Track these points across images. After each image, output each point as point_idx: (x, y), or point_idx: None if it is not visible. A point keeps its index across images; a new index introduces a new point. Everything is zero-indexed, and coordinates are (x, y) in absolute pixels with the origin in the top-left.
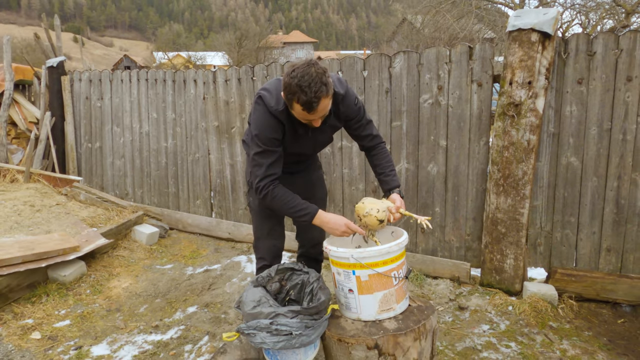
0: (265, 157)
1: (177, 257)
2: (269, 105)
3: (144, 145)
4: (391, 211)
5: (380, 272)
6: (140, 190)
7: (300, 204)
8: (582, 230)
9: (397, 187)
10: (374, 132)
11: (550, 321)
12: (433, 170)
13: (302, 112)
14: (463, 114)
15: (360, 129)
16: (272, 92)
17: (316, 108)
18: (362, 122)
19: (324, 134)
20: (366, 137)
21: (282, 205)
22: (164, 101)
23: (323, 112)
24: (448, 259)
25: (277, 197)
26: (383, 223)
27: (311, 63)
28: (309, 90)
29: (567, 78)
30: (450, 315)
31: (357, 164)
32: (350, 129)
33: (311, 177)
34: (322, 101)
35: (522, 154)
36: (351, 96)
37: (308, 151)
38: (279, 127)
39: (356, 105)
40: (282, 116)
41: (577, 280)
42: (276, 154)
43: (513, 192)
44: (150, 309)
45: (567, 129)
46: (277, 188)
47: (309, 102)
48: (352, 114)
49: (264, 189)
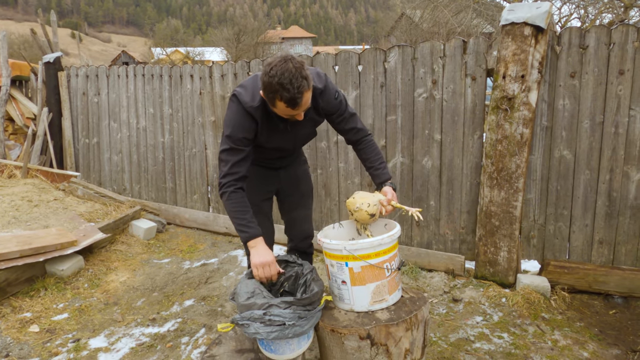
0: (231, 155)
1: (175, 251)
2: (244, 101)
3: (141, 140)
4: (382, 204)
5: (372, 264)
6: (138, 186)
7: (247, 220)
8: (575, 223)
9: (389, 179)
10: (358, 125)
11: (543, 312)
12: (428, 164)
13: (286, 109)
14: (457, 107)
15: (344, 123)
16: (247, 88)
17: (300, 103)
18: (344, 116)
19: (305, 129)
20: (350, 130)
21: (232, 211)
22: (161, 96)
23: (306, 105)
24: (443, 252)
25: (231, 201)
26: (374, 217)
27: (287, 58)
28: (291, 86)
29: (560, 72)
30: (444, 307)
31: (352, 158)
32: (334, 123)
33: (296, 172)
34: (304, 95)
35: (515, 148)
36: (330, 90)
37: (289, 146)
38: (251, 126)
39: (336, 99)
40: (257, 113)
41: (569, 272)
42: (243, 153)
43: (506, 185)
44: (147, 302)
45: (560, 123)
46: (236, 193)
47: (292, 98)
48: (332, 109)
49: (224, 187)
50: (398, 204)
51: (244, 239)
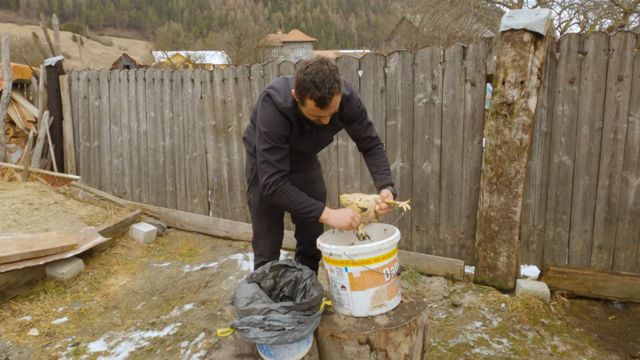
0: (273, 154)
1: (175, 255)
2: (277, 102)
3: (142, 144)
4: (377, 202)
5: (372, 269)
6: (138, 189)
7: (307, 201)
8: (574, 228)
9: (390, 184)
10: (373, 134)
11: (542, 318)
12: (427, 168)
13: (314, 108)
14: (457, 113)
15: (361, 131)
16: (279, 90)
17: (329, 104)
18: (363, 124)
19: (327, 133)
20: (366, 139)
21: (290, 202)
22: (162, 100)
23: (334, 108)
24: (442, 257)
25: (285, 194)
26: (366, 212)
27: (324, 61)
28: (323, 86)
29: (559, 78)
30: (443, 312)
31: (352, 163)
32: (352, 130)
33: (311, 175)
34: (334, 97)
35: (514, 153)
36: (355, 98)
37: (311, 149)
38: (287, 125)
39: (359, 107)
40: (290, 113)
41: (569, 278)
42: (284, 150)
43: (506, 190)
44: (147, 306)
45: (559, 128)
46: (286, 185)
47: (322, 98)
48: (354, 116)
49: (274, 185)
50: (391, 200)
51: (316, 217)
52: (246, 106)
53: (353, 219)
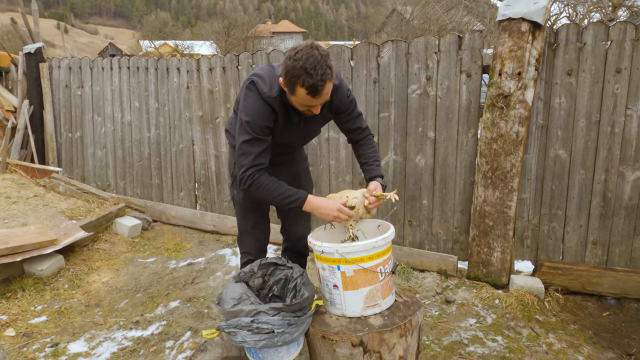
0: (253, 146)
1: (160, 250)
2: (262, 91)
3: (126, 135)
4: (365, 196)
5: (365, 268)
6: (123, 182)
7: (288, 190)
8: (569, 223)
9: (379, 176)
10: (363, 125)
11: (537, 314)
12: (421, 162)
13: (305, 96)
14: (452, 105)
15: (351, 122)
16: (264, 78)
17: (321, 92)
18: (352, 115)
19: (315, 125)
20: (355, 130)
21: (270, 193)
22: (147, 90)
23: (326, 97)
24: (435, 252)
25: (262, 185)
26: (355, 209)
27: (314, 46)
28: (315, 73)
29: (557, 69)
30: (437, 308)
31: (344, 156)
32: (341, 122)
33: (297, 169)
34: (326, 85)
35: (510, 147)
36: (344, 88)
37: (297, 142)
38: (271, 115)
39: (348, 97)
40: (275, 103)
41: (563, 274)
42: (265, 143)
43: (501, 184)
44: (130, 303)
45: (556, 121)
46: (262, 176)
47: (314, 85)
48: (343, 107)
49: (249, 178)
50: (380, 193)
51: (298, 206)
52: (234, 96)
53: (340, 211)
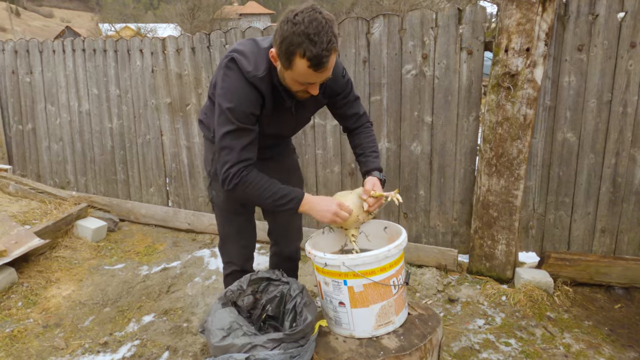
0: (238, 138)
1: (130, 254)
2: (245, 70)
3: (85, 126)
4: (362, 198)
5: (377, 281)
6: (84, 178)
7: (281, 189)
8: (577, 211)
9: (377, 169)
10: (361, 110)
11: (548, 311)
12: (417, 149)
13: (306, 70)
14: (451, 86)
15: (346, 107)
16: (247, 54)
17: (326, 65)
18: (349, 99)
19: (308, 111)
20: (352, 116)
21: (260, 194)
22: (106, 75)
23: (329, 72)
24: (434, 246)
25: (251, 185)
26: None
27: (316, 8)
28: (319, 40)
29: (567, 44)
30: (440, 308)
31: (331, 144)
32: (335, 107)
33: (285, 163)
34: (332, 57)
35: (517, 131)
36: (339, 66)
37: (288, 132)
38: (257, 99)
39: (344, 77)
40: (262, 85)
41: (571, 265)
42: (252, 134)
43: (507, 172)
44: (97, 321)
45: (565, 102)
46: (251, 174)
47: (318, 56)
48: (338, 88)
49: (235, 176)
50: (378, 193)
51: (294, 209)
52: (206, 80)
53: (337, 214)
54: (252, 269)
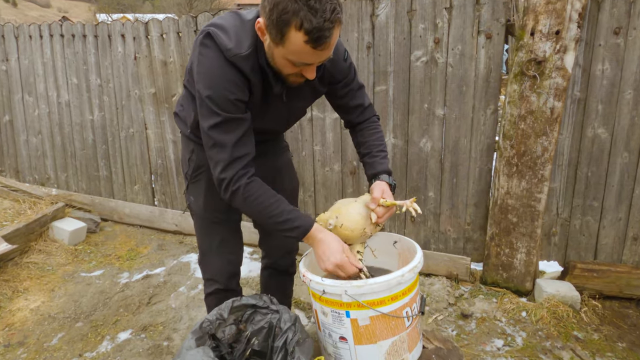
0: (228, 131)
1: (110, 258)
2: (225, 47)
3: (65, 118)
4: (370, 208)
5: (386, 313)
6: (65, 174)
7: (288, 213)
8: (606, 217)
9: (386, 172)
10: (366, 101)
11: (574, 330)
12: (426, 146)
13: (302, 47)
14: (466, 75)
15: (349, 97)
16: (227, 29)
17: (327, 41)
18: (352, 87)
19: (302, 101)
20: (356, 108)
21: (261, 210)
22: (85, 63)
23: (330, 51)
24: (444, 253)
25: (252, 197)
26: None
27: None
28: (321, 8)
29: (601, 27)
30: (452, 325)
31: (331, 140)
32: (335, 97)
33: (276, 164)
34: (335, 31)
35: (543, 126)
36: (340, 48)
37: (279, 125)
38: (242, 82)
39: (346, 61)
40: (246, 65)
41: (599, 276)
42: (244, 124)
43: (529, 173)
44: (66, 338)
45: (597, 93)
46: (253, 183)
47: (319, 28)
48: (339, 74)
49: (234, 182)
50: (390, 201)
51: (297, 237)
52: None
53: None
54: (237, 286)
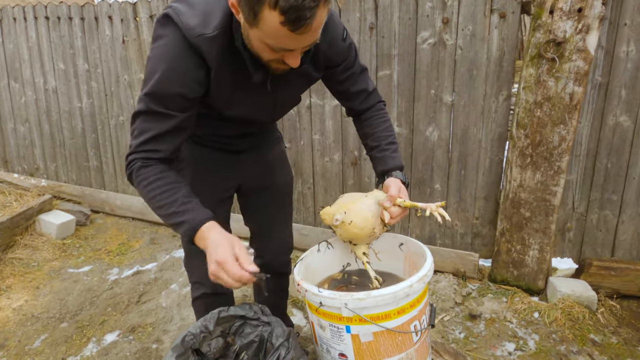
0: (150, 122)
1: (100, 253)
2: (187, 27)
3: (52, 105)
4: (384, 206)
5: (392, 328)
6: (54, 164)
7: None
8: (625, 211)
9: (398, 168)
10: (370, 86)
11: (591, 333)
12: (433, 135)
13: (278, 29)
14: (477, 58)
15: (350, 82)
16: (195, 4)
17: (309, 23)
18: (353, 71)
19: (293, 89)
20: (358, 94)
21: (150, 198)
22: (72, 47)
23: (315, 35)
24: (450, 249)
25: (145, 182)
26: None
27: None
28: None
29: (627, 4)
30: (460, 327)
31: (330, 128)
32: (334, 83)
33: (267, 157)
34: (319, 11)
35: (561, 113)
36: (337, 26)
37: (263, 116)
38: (195, 74)
39: (345, 41)
40: (211, 49)
41: (616, 274)
42: (172, 120)
43: (544, 164)
44: (50, 340)
45: (620, 78)
46: (150, 167)
47: (297, 8)
48: (338, 56)
49: (129, 166)
50: (409, 202)
51: (183, 234)
52: None
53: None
54: (226, 290)
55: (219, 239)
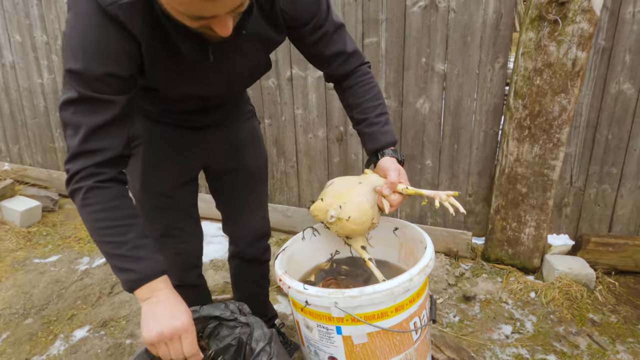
0: (86, 114)
1: (69, 241)
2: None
3: (10, 82)
4: (382, 193)
5: (388, 329)
6: (17, 146)
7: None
8: (625, 184)
9: (391, 144)
10: (349, 47)
11: (590, 312)
12: (424, 107)
13: None
14: (471, 22)
15: (323, 43)
16: None
17: None
18: (325, 30)
19: (246, 56)
20: (335, 57)
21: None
22: (28, 16)
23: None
24: (442, 228)
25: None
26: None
27: None
28: None
29: None
30: (454, 309)
31: (314, 102)
32: (305, 45)
33: (237, 134)
34: None
35: (563, 81)
36: None
37: (218, 91)
38: (120, 46)
39: None
40: (132, 18)
41: (614, 250)
42: (112, 108)
43: (543, 136)
44: (12, 339)
45: (625, 42)
46: (100, 190)
47: None
48: (304, 14)
49: (76, 180)
50: (412, 189)
51: (126, 285)
52: None
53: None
54: (198, 280)
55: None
